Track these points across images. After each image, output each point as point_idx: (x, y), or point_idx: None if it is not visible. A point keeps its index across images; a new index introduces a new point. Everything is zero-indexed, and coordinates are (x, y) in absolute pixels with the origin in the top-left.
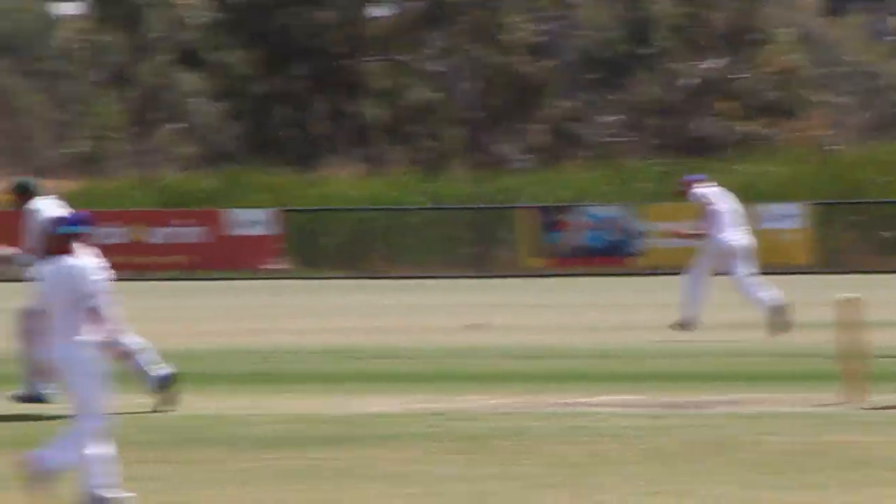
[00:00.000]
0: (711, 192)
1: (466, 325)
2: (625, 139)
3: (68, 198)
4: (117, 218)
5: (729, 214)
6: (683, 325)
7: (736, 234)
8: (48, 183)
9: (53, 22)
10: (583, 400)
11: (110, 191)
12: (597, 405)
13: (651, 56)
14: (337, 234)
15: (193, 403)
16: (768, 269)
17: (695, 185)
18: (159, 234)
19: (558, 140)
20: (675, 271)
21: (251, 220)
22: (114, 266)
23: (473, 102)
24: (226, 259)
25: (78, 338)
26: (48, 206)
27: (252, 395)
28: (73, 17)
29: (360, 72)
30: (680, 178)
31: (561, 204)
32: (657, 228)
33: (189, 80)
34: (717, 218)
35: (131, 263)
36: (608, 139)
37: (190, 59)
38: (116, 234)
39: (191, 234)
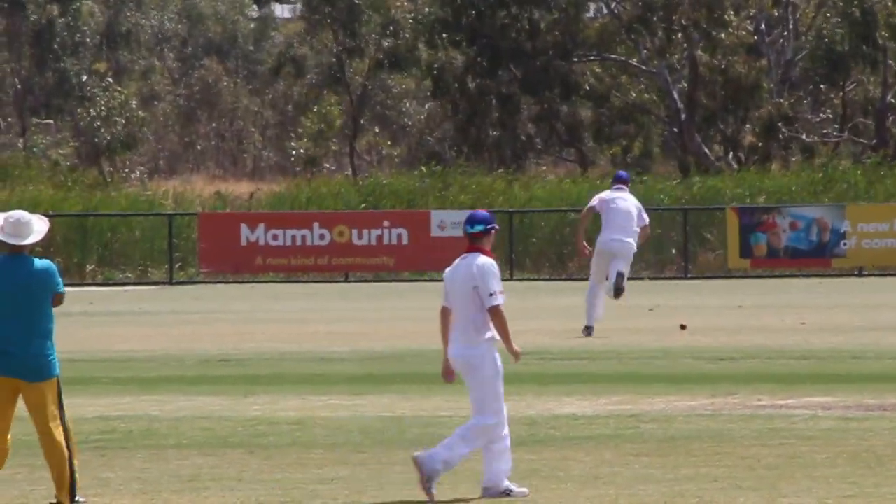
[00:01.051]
0: None
1: (681, 327)
2: (836, 139)
3: (284, 199)
4: (328, 220)
5: None
6: None
7: None
8: (262, 185)
9: (268, 25)
10: (779, 402)
11: (323, 192)
12: (793, 407)
13: (871, 55)
14: (540, 235)
15: (393, 405)
16: None
17: None
18: (370, 236)
19: (768, 140)
20: (878, 272)
21: (455, 222)
22: (320, 268)
23: (685, 102)
24: (430, 260)
25: (479, 336)
26: None
27: (445, 395)
28: (287, 19)
29: (572, 72)
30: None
31: (767, 205)
32: (862, 229)
33: (401, 80)
34: None
35: (339, 265)
36: (818, 139)
37: (402, 60)
38: (327, 235)
39: (398, 235)
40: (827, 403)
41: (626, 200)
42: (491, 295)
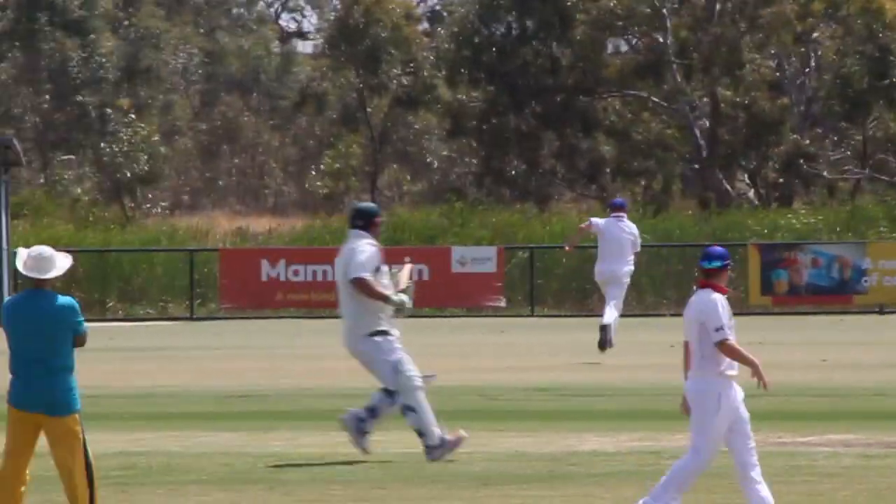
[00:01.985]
0: None
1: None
2: (857, 176)
3: (305, 234)
4: None
5: None
6: None
7: None
8: (283, 221)
9: (290, 61)
10: (800, 439)
11: (344, 228)
12: (814, 444)
13: (889, 92)
14: (561, 270)
15: (413, 441)
16: None
17: None
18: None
19: (789, 177)
20: None
21: (475, 258)
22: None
23: (707, 139)
24: (450, 296)
25: (706, 372)
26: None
27: (466, 432)
28: (309, 55)
29: (594, 108)
30: None
31: (788, 241)
32: (883, 266)
33: (422, 117)
34: None
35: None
36: (839, 176)
37: (423, 97)
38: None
39: (418, 271)
40: (848, 441)
41: (622, 230)
42: (717, 330)
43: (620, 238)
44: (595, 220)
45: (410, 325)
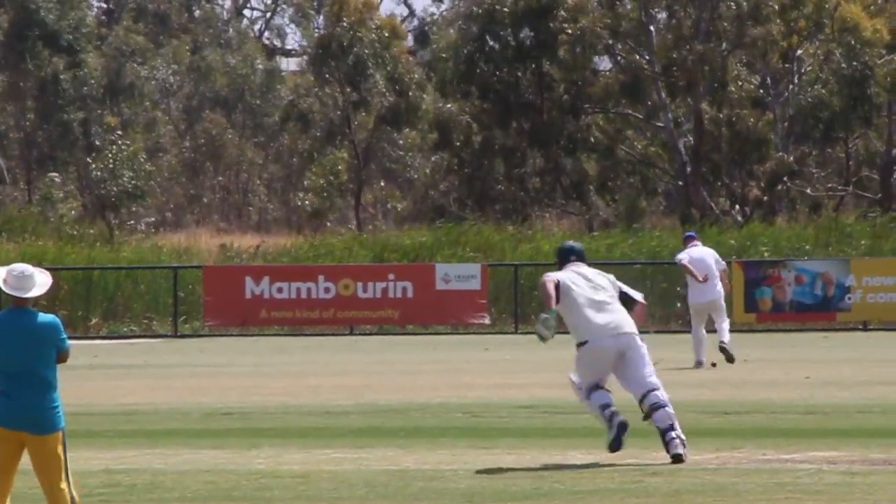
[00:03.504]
0: None
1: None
2: (841, 193)
3: (289, 252)
4: (333, 272)
5: None
6: None
7: None
8: (267, 238)
9: (274, 78)
10: (784, 456)
11: (328, 246)
12: (798, 461)
13: (871, 110)
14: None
15: (397, 458)
16: None
17: None
18: (374, 289)
19: (773, 194)
20: (883, 327)
21: (460, 275)
22: (324, 321)
23: (691, 156)
24: (435, 314)
25: None
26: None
27: (450, 449)
28: (293, 72)
29: (579, 126)
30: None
31: (772, 258)
32: (867, 283)
33: (407, 135)
34: None
35: (344, 318)
36: (823, 193)
37: (408, 113)
38: (332, 288)
39: (403, 288)
40: (832, 458)
41: (705, 256)
42: None
43: (709, 264)
44: (681, 256)
45: (395, 343)
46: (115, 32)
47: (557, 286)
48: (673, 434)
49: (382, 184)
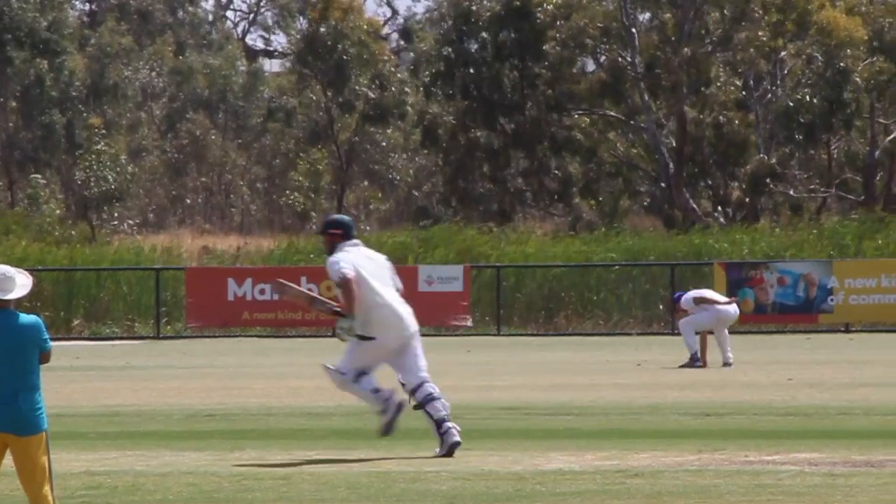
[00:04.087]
0: None
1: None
2: (823, 195)
3: (272, 253)
4: (315, 274)
5: None
6: None
7: None
8: (250, 239)
9: (257, 79)
10: (766, 458)
11: (311, 247)
12: (780, 463)
13: (851, 112)
14: (527, 290)
15: (379, 460)
16: None
17: None
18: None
19: (756, 195)
20: (866, 328)
21: (443, 277)
22: (307, 322)
23: (673, 157)
24: (417, 315)
25: None
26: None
27: (431, 451)
28: (276, 73)
29: (563, 126)
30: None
31: (754, 260)
32: (850, 285)
33: (389, 135)
34: None
35: (326, 319)
36: (805, 195)
37: (390, 113)
38: (315, 290)
39: None
40: (814, 460)
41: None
42: None
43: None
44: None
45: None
46: (98, 33)
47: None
48: (449, 424)
49: (366, 184)
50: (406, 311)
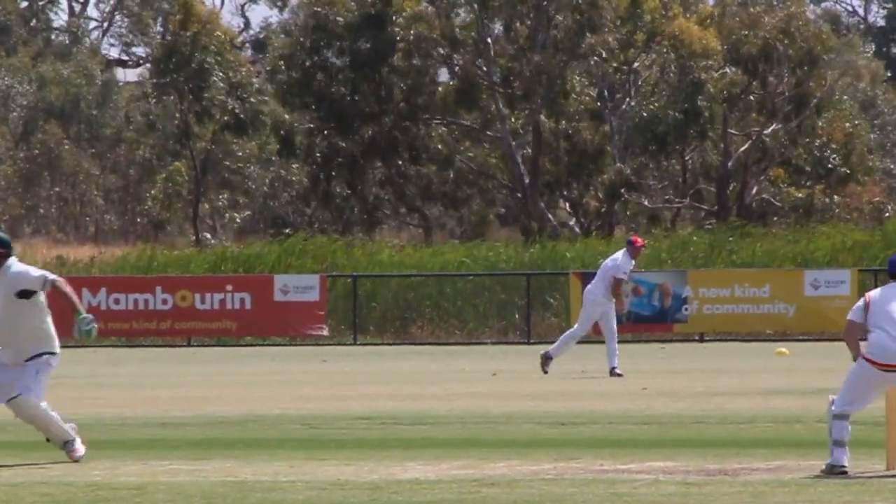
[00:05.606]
0: None
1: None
2: (678, 205)
3: (127, 263)
4: (170, 283)
5: None
6: None
7: None
8: (104, 249)
9: (112, 88)
10: (621, 466)
11: (166, 257)
12: (635, 472)
13: (705, 123)
14: (383, 299)
15: (235, 469)
16: (821, 337)
17: None
18: (212, 300)
19: (611, 205)
20: (719, 338)
21: (299, 286)
22: (162, 332)
23: (529, 168)
24: (273, 325)
25: None
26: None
27: (288, 461)
28: (132, 83)
29: (419, 136)
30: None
31: None
32: (704, 295)
33: (246, 145)
34: None
35: (182, 329)
36: (660, 206)
37: (248, 123)
38: (169, 299)
39: (241, 299)
40: (668, 468)
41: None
42: None
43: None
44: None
45: (233, 355)
46: None
47: None
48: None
49: (224, 195)
50: None
